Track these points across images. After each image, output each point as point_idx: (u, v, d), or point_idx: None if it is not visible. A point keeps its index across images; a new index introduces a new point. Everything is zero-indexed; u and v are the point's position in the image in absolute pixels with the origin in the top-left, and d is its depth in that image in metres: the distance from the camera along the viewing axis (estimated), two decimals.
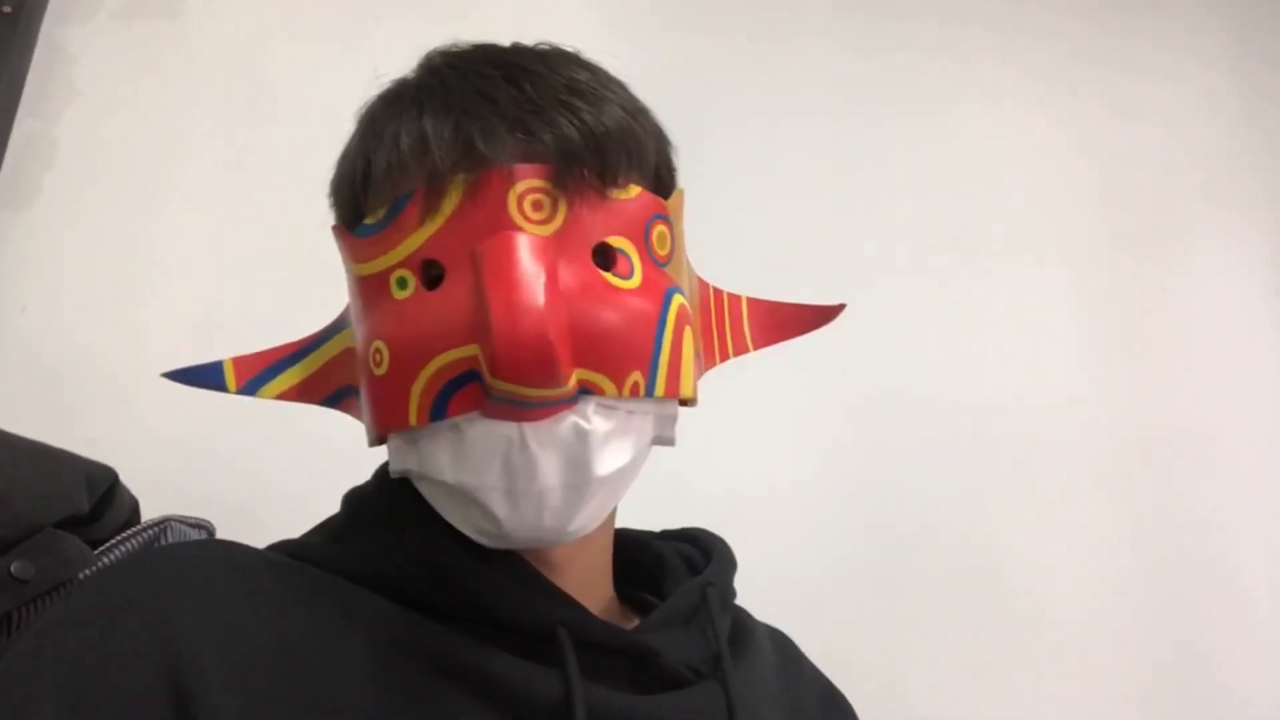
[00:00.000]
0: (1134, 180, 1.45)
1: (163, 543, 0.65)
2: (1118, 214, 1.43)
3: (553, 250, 0.48)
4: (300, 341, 0.59)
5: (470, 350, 0.47)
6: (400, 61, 0.59)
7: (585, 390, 0.48)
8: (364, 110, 0.57)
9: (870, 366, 1.25)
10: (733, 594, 0.64)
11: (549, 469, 0.48)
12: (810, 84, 1.34)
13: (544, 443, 0.48)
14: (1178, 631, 1.30)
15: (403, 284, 0.50)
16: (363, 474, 0.61)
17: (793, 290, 0.70)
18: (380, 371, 0.50)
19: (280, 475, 0.98)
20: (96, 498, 0.61)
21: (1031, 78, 1.44)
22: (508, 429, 0.47)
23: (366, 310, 0.53)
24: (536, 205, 0.49)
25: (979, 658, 1.21)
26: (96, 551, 0.60)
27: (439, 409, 0.48)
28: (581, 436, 0.48)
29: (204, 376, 0.57)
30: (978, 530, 1.25)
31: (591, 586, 0.58)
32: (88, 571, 0.58)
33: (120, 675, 0.44)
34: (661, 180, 0.57)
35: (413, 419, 0.48)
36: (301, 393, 0.58)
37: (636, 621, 0.58)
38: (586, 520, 0.51)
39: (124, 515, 0.65)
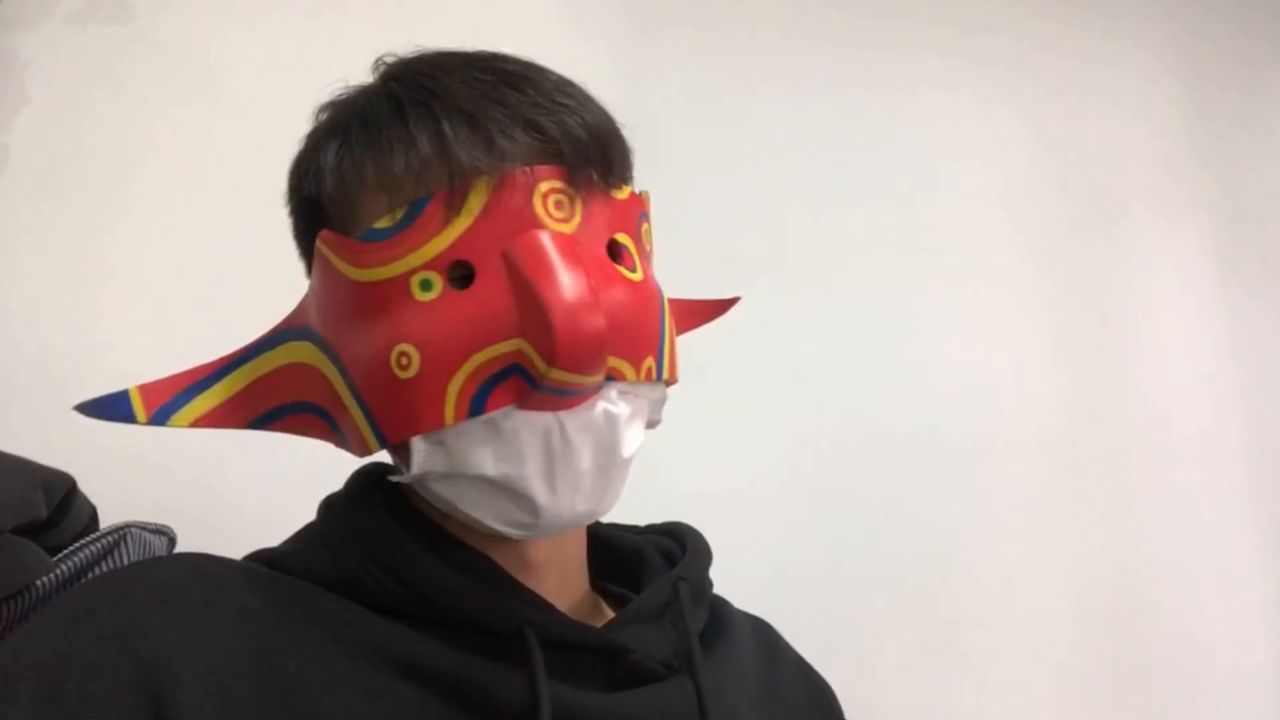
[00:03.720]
0: (1085, 171, 1.49)
1: (122, 548, 0.65)
2: (1070, 205, 1.46)
3: (579, 247, 0.50)
4: (216, 362, 0.57)
5: (510, 345, 0.48)
6: (359, 62, 0.59)
7: (610, 377, 0.51)
8: (334, 112, 0.56)
9: (828, 362, 1.27)
10: (709, 586, 0.65)
11: (585, 453, 0.51)
12: (767, 78, 1.35)
13: (579, 427, 0.50)
14: (1134, 623, 1.33)
15: (427, 286, 0.50)
16: (326, 479, 0.61)
17: (752, 287, 0.71)
18: (408, 374, 0.50)
19: (240, 482, 0.97)
20: (54, 504, 0.61)
21: (985, 69, 1.47)
22: (546, 418, 0.49)
23: (376, 316, 0.51)
24: (559, 204, 0.51)
25: (939, 651, 1.23)
26: (55, 558, 0.60)
27: (478, 404, 0.49)
28: (611, 420, 0.51)
29: (111, 408, 0.54)
30: (938, 525, 1.27)
31: (567, 585, 0.59)
32: (46, 578, 0.58)
33: (95, 689, 0.44)
34: (630, 180, 0.58)
35: (449, 417, 0.49)
36: (222, 417, 0.56)
37: (611, 618, 0.59)
38: (611, 501, 0.54)
39: (82, 522, 0.65)
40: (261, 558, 0.56)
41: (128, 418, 0.54)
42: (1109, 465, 1.38)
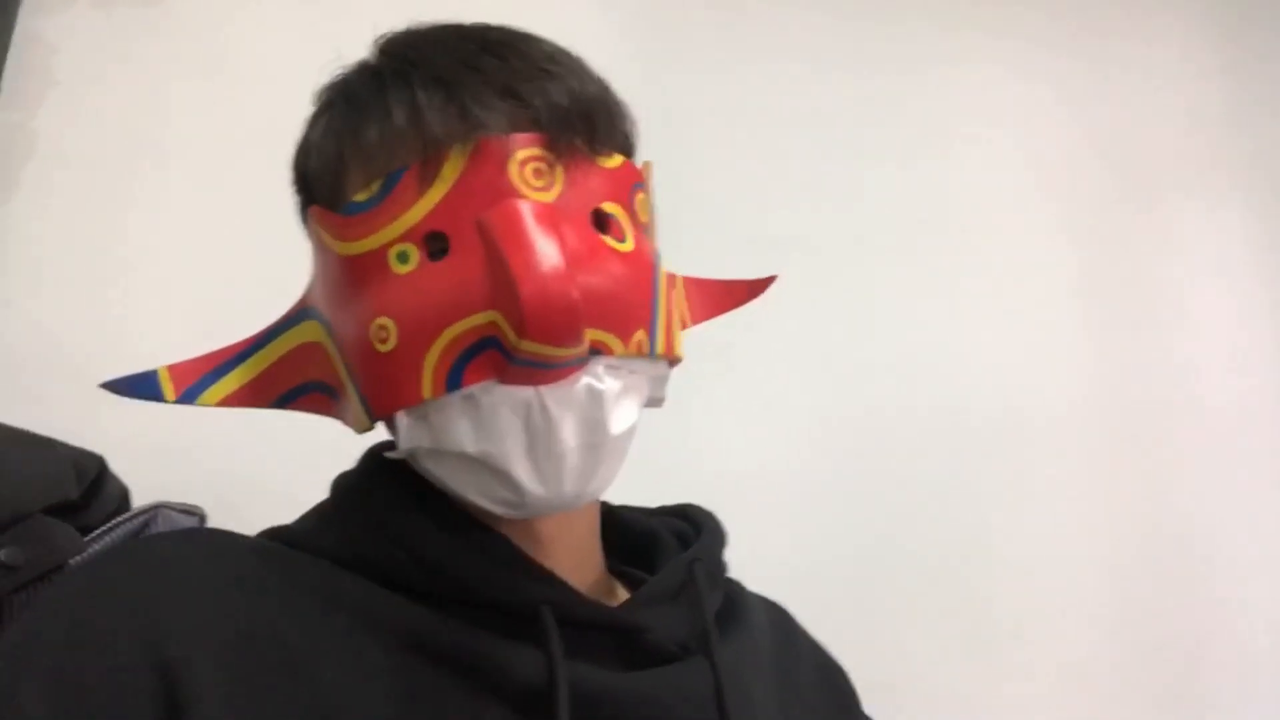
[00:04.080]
0: (1119, 147, 1.46)
1: (153, 529, 0.65)
2: (1103, 181, 1.44)
3: (557, 216, 0.48)
4: (241, 343, 0.58)
5: (484, 318, 0.47)
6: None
7: (594, 350, 0.49)
8: (328, 90, 0.57)
9: (855, 344, 1.26)
10: (723, 568, 0.65)
11: (568, 430, 0.49)
12: (793, 54, 1.33)
13: (561, 403, 0.49)
14: (1169, 606, 1.32)
15: (404, 258, 0.50)
16: (352, 459, 0.61)
17: (779, 268, 0.70)
18: (386, 348, 0.49)
19: (268, 463, 0.97)
20: (85, 485, 0.61)
21: (1019, 43, 1.44)
22: (525, 393, 0.48)
23: (359, 289, 0.51)
24: (538, 173, 0.50)
25: (968, 634, 1.22)
26: (86, 538, 0.61)
27: (454, 379, 0.48)
28: (595, 396, 0.50)
29: (139, 387, 0.54)
30: (967, 506, 1.26)
31: (580, 563, 0.58)
32: (78, 558, 0.59)
33: (107, 660, 0.44)
34: (628, 150, 0.58)
35: (427, 391, 0.48)
36: (247, 397, 0.57)
37: (627, 598, 0.59)
38: (602, 482, 0.52)
39: (114, 502, 0.66)
40: (275, 534, 0.56)
41: (155, 396, 0.55)
42: (1143, 446, 1.36)
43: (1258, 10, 1.59)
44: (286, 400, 0.57)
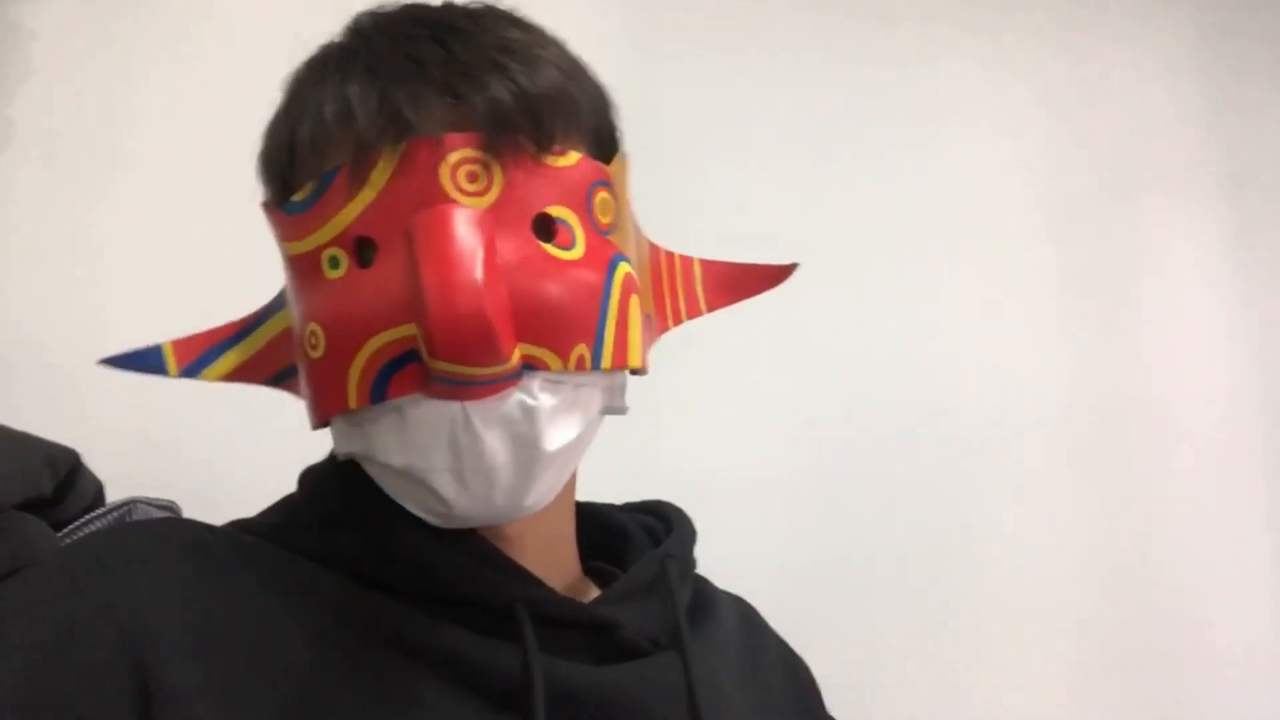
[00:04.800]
0: (1100, 148, 1.46)
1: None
2: (1084, 182, 1.44)
3: (490, 223, 0.46)
4: (241, 321, 0.57)
5: (408, 330, 0.45)
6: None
7: (529, 365, 0.47)
8: (290, 78, 0.55)
9: (835, 343, 1.26)
10: (693, 564, 0.65)
11: (496, 447, 0.47)
12: (776, 49, 1.33)
13: (489, 421, 0.47)
14: (1148, 610, 1.33)
15: (335, 263, 0.49)
16: (325, 453, 0.61)
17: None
18: (317, 354, 0.48)
19: (243, 456, 0.97)
20: (59, 479, 0.61)
21: (1000, 41, 1.44)
22: (451, 409, 0.46)
23: (300, 291, 0.51)
24: (471, 176, 0.47)
25: (948, 636, 1.23)
26: (61, 534, 0.60)
27: (379, 391, 0.47)
28: (528, 413, 0.47)
29: (143, 361, 0.54)
30: (948, 508, 1.27)
31: (552, 560, 0.58)
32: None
33: (80, 651, 0.44)
34: (602, 143, 0.55)
35: (352, 401, 0.47)
36: (248, 373, 0.56)
37: (599, 594, 0.59)
38: (540, 496, 0.51)
39: (88, 497, 0.65)
40: (243, 527, 0.56)
41: (159, 370, 0.54)
42: (1123, 446, 1.37)
43: (1237, 12, 1.60)
44: (279, 380, 0.57)
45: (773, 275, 0.65)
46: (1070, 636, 1.29)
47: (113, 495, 0.68)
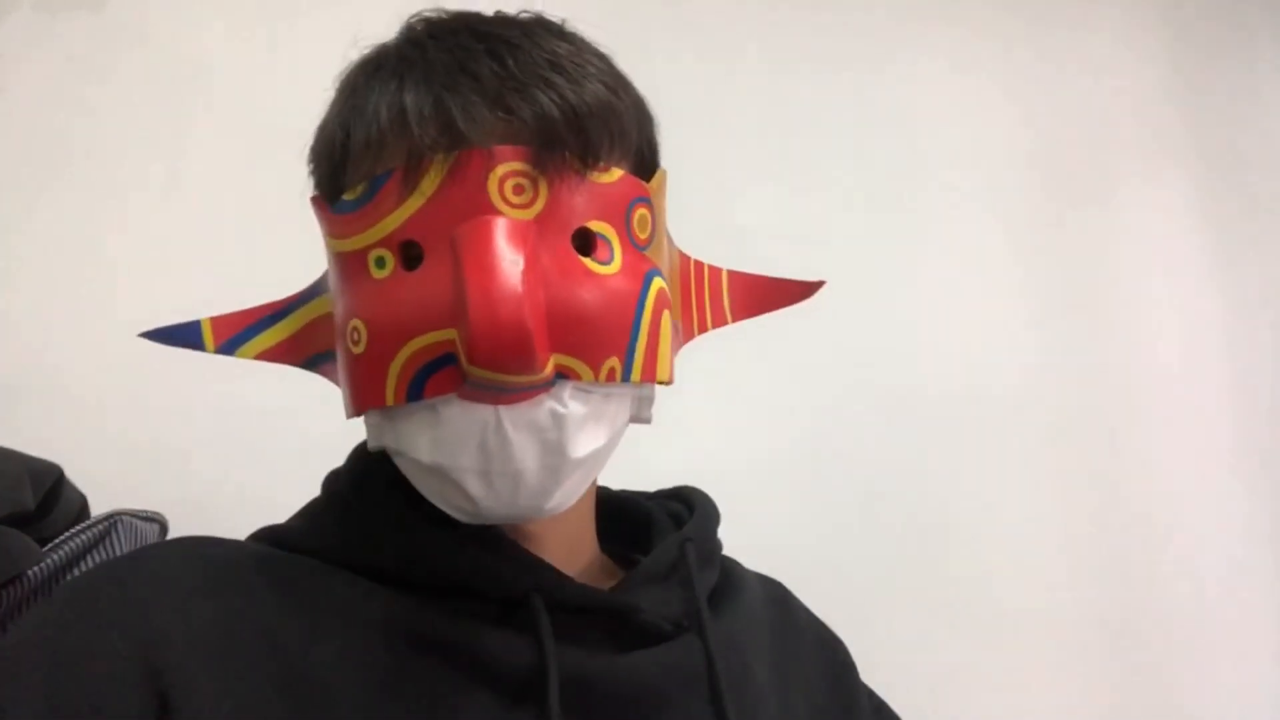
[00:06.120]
0: (1067, 133, 1.48)
1: (113, 536, 0.65)
2: (1051, 167, 1.46)
3: (533, 235, 0.47)
4: (281, 301, 0.59)
5: (448, 334, 0.47)
6: (332, 36, 0.58)
7: (562, 375, 0.48)
8: (343, 76, 0.56)
9: (811, 330, 1.26)
10: (718, 547, 0.66)
11: (525, 451, 0.48)
12: (745, 46, 1.34)
13: (519, 425, 0.48)
14: (1124, 578, 1.34)
15: (381, 263, 0.50)
16: (314, 465, 0.61)
17: (737, 257, 0.71)
18: (358, 350, 0.50)
19: (229, 467, 0.97)
20: (42, 494, 0.61)
21: (964, 35, 1.45)
22: (484, 412, 0.48)
23: (344, 287, 0.52)
24: (518, 189, 0.48)
25: (935, 612, 1.24)
26: (45, 548, 0.60)
27: (416, 390, 0.48)
28: (558, 420, 0.49)
29: (182, 336, 0.56)
30: (929, 487, 1.28)
31: (573, 550, 0.59)
32: (37, 568, 0.58)
33: (101, 677, 0.44)
34: (643, 159, 0.57)
35: (390, 399, 0.49)
36: (284, 353, 0.58)
37: (621, 579, 0.59)
38: (563, 498, 0.52)
39: (72, 512, 0.65)
40: (267, 535, 0.57)
41: (196, 345, 0.56)
42: (1098, 424, 1.39)
43: (1203, 1, 1.62)
44: (314, 364, 0.58)
45: (800, 290, 0.67)
46: (1056, 605, 1.30)
47: (98, 507, 0.68)
